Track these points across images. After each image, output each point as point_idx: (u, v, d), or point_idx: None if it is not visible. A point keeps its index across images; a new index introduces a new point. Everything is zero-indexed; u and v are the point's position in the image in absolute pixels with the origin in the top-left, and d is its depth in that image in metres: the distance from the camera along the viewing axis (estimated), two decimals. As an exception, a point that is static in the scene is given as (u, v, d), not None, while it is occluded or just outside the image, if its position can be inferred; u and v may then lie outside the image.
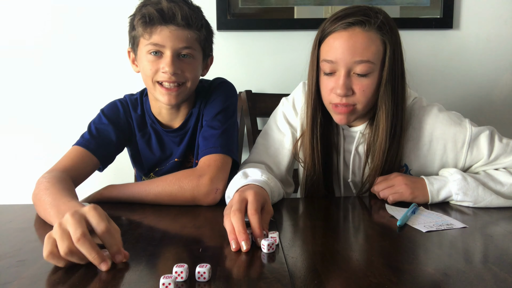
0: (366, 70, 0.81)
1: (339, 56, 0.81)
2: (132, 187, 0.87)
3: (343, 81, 0.81)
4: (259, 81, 1.45)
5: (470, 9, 1.44)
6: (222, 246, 0.58)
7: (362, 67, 0.81)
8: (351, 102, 0.84)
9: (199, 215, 0.77)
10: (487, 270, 0.49)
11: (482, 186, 0.80)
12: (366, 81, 0.82)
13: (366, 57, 0.80)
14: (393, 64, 0.83)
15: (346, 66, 0.81)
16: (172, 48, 0.86)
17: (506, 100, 1.50)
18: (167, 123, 1.01)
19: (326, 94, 0.87)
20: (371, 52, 0.80)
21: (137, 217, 0.74)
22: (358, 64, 0.81)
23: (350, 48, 0.80)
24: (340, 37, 0.81)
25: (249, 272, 0.49)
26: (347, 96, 0.83)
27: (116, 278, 0.48)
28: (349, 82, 0.82)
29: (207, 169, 0.84)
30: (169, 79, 0.87)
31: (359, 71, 0.81)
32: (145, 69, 0.89)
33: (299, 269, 0.50)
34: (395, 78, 0.84)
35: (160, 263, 0.53)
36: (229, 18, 1.41)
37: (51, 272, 0.50)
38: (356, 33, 0.80)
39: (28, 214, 0.78)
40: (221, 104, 0.97)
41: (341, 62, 0.81)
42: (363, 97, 0.83)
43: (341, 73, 0.82)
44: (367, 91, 0.83)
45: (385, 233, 0.65)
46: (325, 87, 0.86)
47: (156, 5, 0.85)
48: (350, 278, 0.47)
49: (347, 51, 0.80)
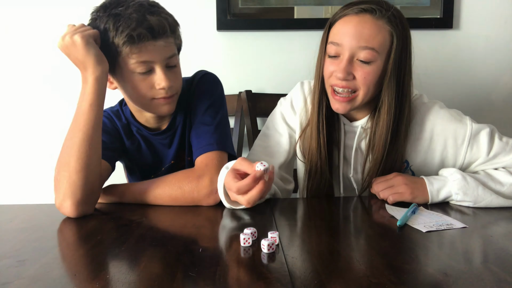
0: (369, 58, 0.82)
1: (346, 39, 0.82)
2: (133, 188, 0.87)
3: (345, 64, 0.82)
4: (259, 81, 1.45)
5: (470, 9, 1.44)
6: (222, 246, 0.58)
7: (366, 53, 0.81)
8: (351, 86, 0.84)
9: (199, 215, 0.77)
10: (487, 270, 0.49)
11: (482, 186, 0.80)
12: (368, 68, 0.83)
13: (371, 44, 0.81)
14: (399, 58, 0.84)
15: (351, 50, 0.82)
16: (161, 62, 0.83)
17: (506, 100, 1.50)
18: (155, 126, 0.98)
19: (327, 77, 0.88)
20: (377, 40, 0.81)
21: (137, 217, 0.74)
22: (363, 50, 0.81)
23: (358, 33, 0.81)
24: (350, 21, 0.83)
25: (249, 272, 0.49)
26: (347, 80, 0.83)
27: (116, 279, 0.48)
28: (351, 67, 0.83)
29: (205, 169, 0.84)
30: (166, 93, 0.85)
31: (362, 57, 0.82)
32: (137, 89, 0.85)
33: (299, 269, 0.50)
34: (400, 73, 0.85)
35: (160, 263, 0.53)
36: (229, 18, 1.42)
37: (51, 274, 0.50)
38: (366, 20, 0.82)
39: (28, 214, 0.78)
40: (209, 98, 0.94)
41: (346, 46, 0.82)
42: (364, 84, 0.84)
43: (344, 56, 0.83)
44: (368, 78, 0.83)
45: (385, 233, 0.65)
46: (327, 69, 0.87)
47: (141, 23, 0.79)
48: (350, 278, 0.47)
49: (354, 35, 0.82)
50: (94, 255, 0.56)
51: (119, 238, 0.63)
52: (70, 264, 0.52)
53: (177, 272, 0.49)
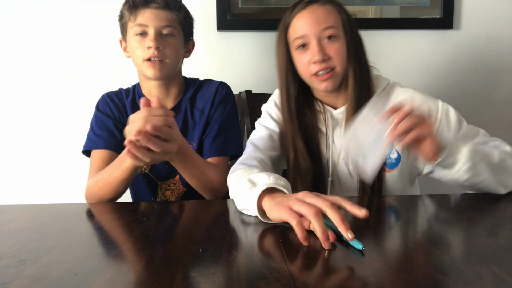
0: (334, 34, 0.91)
1: (307, 29, 0.91)
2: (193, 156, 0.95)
3: (318, 47, 0.90)
4: (259, 81, 1.45)
5: (470, 9, 1.44)
6: (222, 246, 0.58)
7: (329, 32, 0.90)
8: (330, 65, 0.91)
9: (199, 215, 0.77)
10: (487, 270, 0.49)
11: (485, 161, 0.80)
12: (337, 44, 0.91)
13: (330, 23, 0.91)
14: (351, 31, 0.94)
15: (316, 35, 0.90)
16: (155, 27, 0.98)
17: (506, 100, 1.50)
18: None
19: (305, 68, 0.93)
20: (332, 19, 0.91)
21: (137, 217, 0.74)
22: (325, 31, 0.90)
23: (314, 20, 0.91)
24: (303, 15, 0.92)
25: (249, 272, 0.49)
26: (324, 60, 0.90)
27: (116, 279, 0.48)
28: (323, 48, 0.91)
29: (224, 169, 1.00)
30: (153, 54, 0.98)
31: (328, 35, 0.91)
32: (134, 50, 1.01)
33: (299, 269, 0.50)
34: (356, 44, 0.95)
35: (160, 263, 0.53)
36: (229, 18, 1.42)
37: (51, 274, 0.50)
38: (315, 8, 0.92)
39: (28, 214, 0.78)
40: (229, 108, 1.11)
41: (310, 34, 0.91)
42: (339, 59, 0.91)
43: (313, 43, 0.91)
44: (341, 53, 0.91)
45: (385, 232, 0.65)
46: (301, 63, 0.94)
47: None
48: (350, 278, 0.47)
49: (312, 23, 0.91)
50: (94, 255, 0.56)
51: (119, 238, 0.63)
52: (70, 264, 0.52)
53: (177, 272, 0.49)
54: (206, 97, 1.10)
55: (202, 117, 1.09)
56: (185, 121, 1.10)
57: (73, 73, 1.45)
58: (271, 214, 0.65)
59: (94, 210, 0.82)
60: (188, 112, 1.10)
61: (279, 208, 0.63)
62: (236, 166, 0.88)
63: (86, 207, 0.85)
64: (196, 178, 0.95)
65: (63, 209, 0.83)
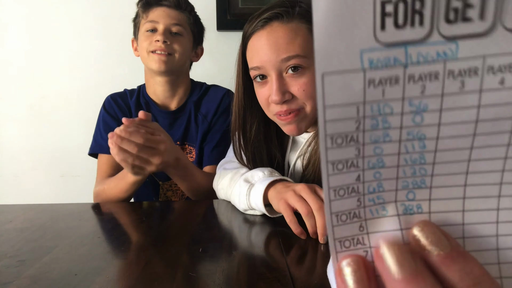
0: (299, 64, 0.68)
1: (264, 58, 0.69)
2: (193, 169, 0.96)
3: (277, 85, 0.69)
4: (259, 81, 1.45)
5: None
6: (222, 246, 0.58)
7: (293, 62, 0.68)
8: (294, 107, 0.71)
9: (199, 215, 0.77)
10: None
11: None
12: (304, 79, 0.69)
13: (293, 51, 0.67)
14: None
15: (275, 67, 0.69)
16: (164, 24, 1.02)
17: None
18: (163, 102, 1.10)
19: (266, 106, 0.75)
20: (297, 45, 0.68)
21: (137, 217, 0.75)
22: (288, 61, 0.68)
23: (272, 46, 0.68)
24: (260, 38, 0.70)
25: (249, 272, 0.49)
26: (286, 102, 0.70)
27: (116, 279, 0.48)
28: (284, 85, 0.70)
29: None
30: (160, 47, 1.00)
31: (291, 66, 0.68)
32: (142, 44, 1.04)
33: (299, 269, 0.50)
34: None
35: (160, 263, 0.53)
36: (229, 18, 1.42)
37: (51, 274, 0.50)
38: (275, 28, 0.69)
39: (28, 214, 0.78)
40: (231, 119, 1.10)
41: (268, 65, 0.69)
42: (306, 97, 0.70)
43: (272, 77, 0.70)
44: (308, 90, 0.69)
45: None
46: (262, 98, 0.75)
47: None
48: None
49: (269, 50, 0.69)
50: (94, 255, 0.56)
51: (119, 238, 0.63)
52: (70, 264, 0.52)
53: (177, 272, 0.49)
54: (211, 103, 1.12)
55: (204, 122, 1.11)
56: (188, 124, 1.11)
57: (75, 73, 1.46)
58: (274, 205, 0.67)
59: (94, 210, 0.82)
60: (192, 115, 1.11)
61: (278, 200, 0.65)
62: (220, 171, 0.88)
63: (86, 207, 0.85)
64: (194, 189, 0.97)
65: (63, 209, 0.83)
